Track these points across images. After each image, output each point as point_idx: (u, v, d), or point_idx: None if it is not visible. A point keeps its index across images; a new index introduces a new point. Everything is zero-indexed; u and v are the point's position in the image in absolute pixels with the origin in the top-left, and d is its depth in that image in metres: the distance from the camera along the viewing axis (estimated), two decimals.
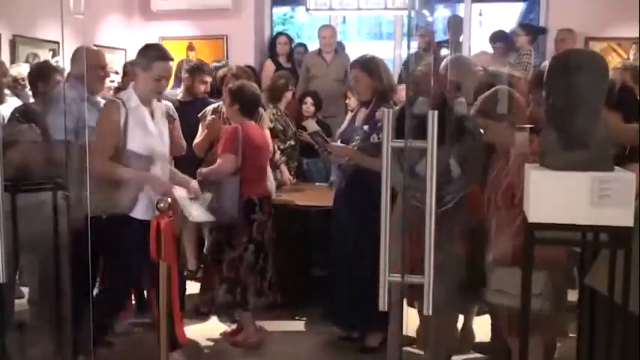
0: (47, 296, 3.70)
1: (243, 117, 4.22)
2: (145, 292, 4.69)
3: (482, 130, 3.52)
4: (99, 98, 4.13)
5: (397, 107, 3.60)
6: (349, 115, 4.46)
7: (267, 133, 4.67)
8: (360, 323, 4.16)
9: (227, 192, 4.06)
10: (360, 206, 3.87)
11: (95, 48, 4.25)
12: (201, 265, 5.08)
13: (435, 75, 3.37)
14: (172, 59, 3.72)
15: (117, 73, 5.63)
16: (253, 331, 4.31)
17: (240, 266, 4.16)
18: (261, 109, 4.65)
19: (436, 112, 2.12)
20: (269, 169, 4.61)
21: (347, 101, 5.62)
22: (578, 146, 2.30)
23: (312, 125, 4.59)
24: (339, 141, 4.24)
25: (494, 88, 3.44)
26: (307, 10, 5.80)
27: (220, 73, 4.52)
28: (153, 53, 3.64)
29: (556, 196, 2.29)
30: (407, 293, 2.96)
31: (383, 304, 2.23)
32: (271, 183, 4.59)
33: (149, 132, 3.61)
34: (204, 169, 4.15)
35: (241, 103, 4.23)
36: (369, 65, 4.05)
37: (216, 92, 5.26)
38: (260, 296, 4.23)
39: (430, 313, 2.20)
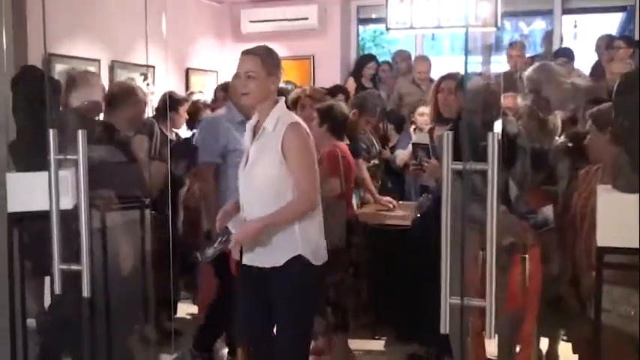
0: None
1: (332, 137, 4.09)
2: None
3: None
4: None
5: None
6: (423, 134, 4.38)
7: None
8: (436, 344, 4.11)
9: (335, 216, 3.87)
10: None
11: None
12: None
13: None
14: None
15: (201, 92, 5.87)
16: (345, 354, 4.26)
17: (342, 289, 4.10)
18: None
19: (497, 133, 2.09)
20: None
21: (414, 118, 5.48)
22: None
23: (423, 137, 4.43)
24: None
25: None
26: (387, 29, 5.80)
27: (293, 94, 4.55)
28: None
29: (626, 219, 2.20)
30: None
31: (444, 327, 2.22)
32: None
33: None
34: None
35: (331, 123, 4.11)
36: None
37: None
38: (357, 318, 4.24)
39: (492, 338, 2.17)
